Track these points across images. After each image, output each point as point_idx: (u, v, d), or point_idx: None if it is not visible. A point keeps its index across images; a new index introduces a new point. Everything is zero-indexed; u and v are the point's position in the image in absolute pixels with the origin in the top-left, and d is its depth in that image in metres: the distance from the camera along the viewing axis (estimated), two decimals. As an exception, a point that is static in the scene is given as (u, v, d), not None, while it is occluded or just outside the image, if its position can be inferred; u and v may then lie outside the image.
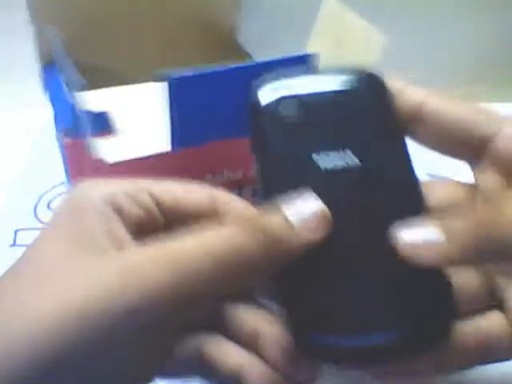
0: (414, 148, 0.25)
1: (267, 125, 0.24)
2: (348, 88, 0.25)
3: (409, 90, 0.25)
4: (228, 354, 0.23)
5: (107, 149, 0.33)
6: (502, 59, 0.56)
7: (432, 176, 0.30)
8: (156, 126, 0.30)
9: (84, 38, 0.43)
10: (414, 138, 0.25)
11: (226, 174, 0.43)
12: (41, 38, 0.40)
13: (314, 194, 0.22)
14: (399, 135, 0.25)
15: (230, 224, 0.21)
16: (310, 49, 0.40)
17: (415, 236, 0.21)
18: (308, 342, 0.22)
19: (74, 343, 0.18)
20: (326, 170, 0.23)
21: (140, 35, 0.45)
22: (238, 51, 0.47)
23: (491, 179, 0.24)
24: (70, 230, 0.21)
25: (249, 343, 0.24)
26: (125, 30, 0.44)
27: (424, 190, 0.24)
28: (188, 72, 0.26)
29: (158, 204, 0.24)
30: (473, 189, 0.25)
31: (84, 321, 0.18)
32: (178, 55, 0.45)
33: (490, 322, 0.24)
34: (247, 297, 0.25)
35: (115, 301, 0.18)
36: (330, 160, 0.23)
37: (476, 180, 0.25)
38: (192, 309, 0.21)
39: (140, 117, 0.40)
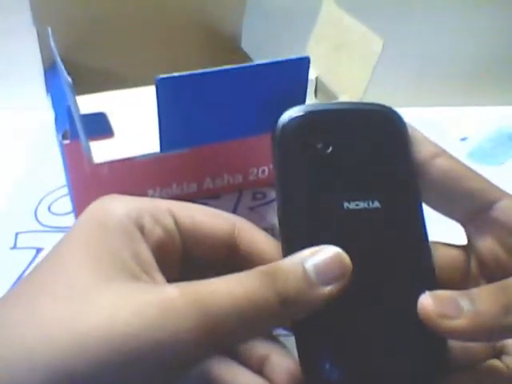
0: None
1: (290, 157, 0.25)
2: (373, 125, 0.26)
3: (423, 143, 0.26)
4: (236, 377, 0.24)
5: (103, 151, 0.33)
6: (502, 61, 0.56)
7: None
8: (155, 129, 0.30)
9: (87, 41, 0.43)
10: None
11: (226, 177, 0.43)
12: (44, 40, 0.40)
13: (337, 249, 0.22)
14: (416, 183, 0.25)
15: (253, 276, 0.21)
16: (309, 52, 0.40)
17: (442, 306, 0.22)
18: (316, 373, 0.23)
19: (103, 366, 0.18)
20: (346, 210, 0.24)
21: (142, 39, 0.45)
22: (240, 55, 0.47)
23: (485, 243, 0.25)
24: (94, 246, 0.21)
25: (256, 369, 0.24)
26: (127, 34, 0.44)
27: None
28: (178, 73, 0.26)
29: (178, 225, 0.24)
30: (465, 250, 0.27)
31: (117, 346, 0.18)
32: (180, 59, 0.46)
33: (489, 366, 0.25)
34: None
35: (147, 332, 0.19)
36: (352, 202, 0.24)
37: (469, 241, 0.26)
38: (212, 350, 0.21)
39: (138, 119, 0.40)
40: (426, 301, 0.22)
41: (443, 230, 0.27)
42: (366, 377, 0.22)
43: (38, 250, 0.40)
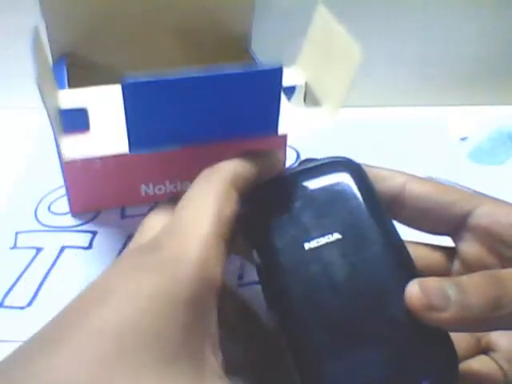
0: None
1: (259, 223, 0.26)
2: (325, 173, 0.27)
3: (390, 176, 0.27)
4: None
5: (78, 146, 0.32)
6: (502, 60, 0.56)
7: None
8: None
9: (94, 37, 0.43)
10: (397, 219, 0.27)
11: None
12: (51, 35, 0.40)
13: None
14: (384, 215, 0.26)
15: None
16: (300, 63, 0.40)
17: (429, 296, 0.21)
18: None
19: None
20: (310, 249, 0.25)
21: (149, 37, 0.45)
22: (248, 58, 0.47)
23: (470, 249, 0.26)
24: (158, 328, 0.18)
25: None
26: (134, 33, 0.44)
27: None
28: (145, 76, 0.25)
29: None
30: (450, 252, 0.27)
31: None
32: (187, 59, 0.46)
33: (481, 364, 0.25)
34: None
35: None
36: (320, 244, 0.25)
37: (457, 248, 0.27)
38: None
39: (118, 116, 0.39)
40: (414, 289, 0.22)
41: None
42: None
43: (38, 250, 0.40)
